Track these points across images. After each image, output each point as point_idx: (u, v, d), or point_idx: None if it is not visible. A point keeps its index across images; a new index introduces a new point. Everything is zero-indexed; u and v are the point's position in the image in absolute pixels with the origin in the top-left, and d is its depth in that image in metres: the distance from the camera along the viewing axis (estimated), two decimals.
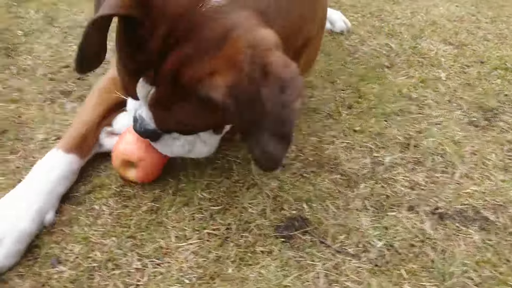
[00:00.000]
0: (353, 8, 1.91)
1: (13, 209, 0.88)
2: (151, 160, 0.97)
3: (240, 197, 1.02)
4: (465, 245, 0.92)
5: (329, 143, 1.18)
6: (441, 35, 1.71)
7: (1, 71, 1.43)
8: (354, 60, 1.54)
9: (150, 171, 1.00)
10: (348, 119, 1.27)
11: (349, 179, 1.08)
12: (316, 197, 1.03)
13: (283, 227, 0.96)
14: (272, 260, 0.89)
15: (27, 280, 0.84)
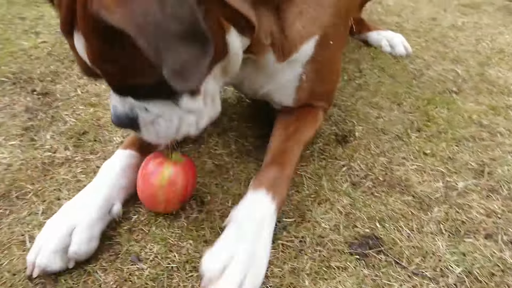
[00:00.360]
0: (416, 33, 1.91)
1: (83, 202, 0.93)
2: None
3: (312, 211, 1.03)
4: None
5: (399, 164, 1.18)
6: (509, 63, 1.68)
7: (80, 77, 1.51)
8: (420, 84, 1.54)
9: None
10: (418, 142, 1.26)
11: (422, 202, 1.07)
12: (389, 217, 1.02)
13: (357, 245, 0.96)
14: (348, 277, 0.88)
15: (109, 274, 0.88)
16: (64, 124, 1.30)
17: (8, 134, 1.25)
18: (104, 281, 0.86)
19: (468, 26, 2.00)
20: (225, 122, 1.31)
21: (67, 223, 0.88)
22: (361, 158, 1.19)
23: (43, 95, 1.42)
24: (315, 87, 1.11)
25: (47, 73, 1.53)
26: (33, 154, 1.18)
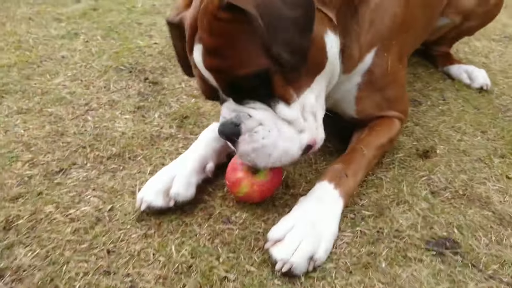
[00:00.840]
0: (503, 73, 1.92)
1: (183, 158, 1.09)
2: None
3: (391, 209, 1.08)
4: None
5: (480, 183, 1.20)
6: None
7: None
8: (506, 118, 1.55)
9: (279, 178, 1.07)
10: (501, 166, 1.27)
11: (502, 219, 1.08)
12: (467, 226, 1.05)
13: (433, 243, 0.99)
14: (424, 267, 0.92)
15: (204, 228, 0.99)
16: (169, 108, 1.47)
17: (124, 110, 1.45)
18: (199, 232, 0.98)
19: None
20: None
21: (170, 172, 1.04)
22: (441, 172, 1.23)
23: (153, 83, 1.63)
24: (374, 97, 1.18)
25: (157, 67, 1.75)
26: (143, 128, 1.35)
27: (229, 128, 0.93)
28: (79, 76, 1.64)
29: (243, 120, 0.92)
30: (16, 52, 1.80)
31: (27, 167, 1.14)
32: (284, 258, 0.87)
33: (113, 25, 2.15)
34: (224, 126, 0.94)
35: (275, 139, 0.92)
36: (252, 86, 0.89)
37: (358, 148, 1.14)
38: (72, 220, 0.98)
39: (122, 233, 0.95)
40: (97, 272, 0.86)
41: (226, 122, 0.94)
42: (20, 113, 1.38)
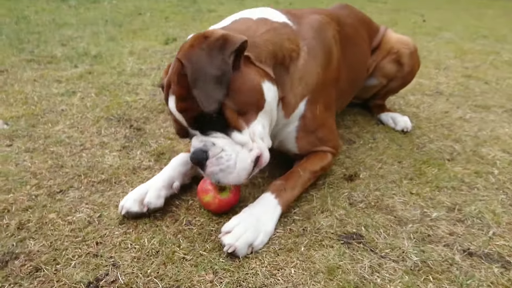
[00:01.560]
0: (427, 120, 2.34)
1: (156, 177, 1.43)
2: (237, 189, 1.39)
3: (316, 216, 1.42)
4: (485, 273, 1.19)
5: (389, 197, 1.55)
6: (501, 146, 2.04)
7: (166, 120, 2.08)
8: (421, 152, 1.93)
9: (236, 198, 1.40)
10: (408, 186, 1.63)
11: (400, 221, 1.42)
12: (373, 225, 1.38)
13: (343, 236, 1.32)
14: (333, 251, 1.24)
15: (170, 228, 1.31)
16: (149, 147, 1.83)
17: (112, 149, 1.80)
18: (166, 230, 1.29)
19: (474, 119, 2.40)
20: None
21: (145, 187, 1.38)
22: (360, 190, 1.59)
23: (137, 129, 1.99)
24: (309, 137, 1.54)
25: (141, 117, 2.13)
26: (127, 161, 1.70)
27: (199, 154, 1.23)
28: (76, 124, 2.00)
29: (209, 148, 1.23)
30: (23, 107, 2.17)
31: (34, 189, 1.46)
32: (231, 242, 1.19)
33: (105, 85, 2.56)
34: (194, 154, 1.24)
35: (235, 160, 1.24)
36: (211, 120, 1.23)
37: (296, 170, 1.50)
38: (70, 223, 1.29)
39: (107, 231, 1.27)
40: (88, 256, 1.16)
41: (196, 150, 1.24)
42: (27, 152, 1.72)
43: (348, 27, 1.89)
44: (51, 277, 1.07)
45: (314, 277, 1.14)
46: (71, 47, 3.42)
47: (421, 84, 3.05)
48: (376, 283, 1.13)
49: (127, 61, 3.13)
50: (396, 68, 2.14)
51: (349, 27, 1.91)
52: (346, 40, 1.81)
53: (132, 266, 1.13)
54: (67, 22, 4.42)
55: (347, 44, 1.81)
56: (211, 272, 1.13)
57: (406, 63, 2.12)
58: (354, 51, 1.90)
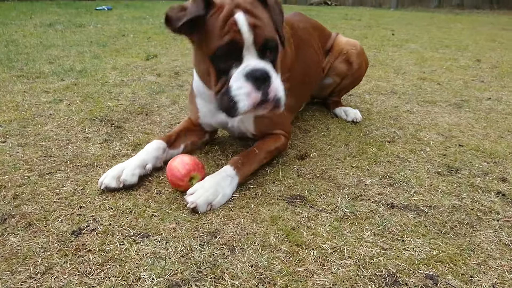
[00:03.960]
0: (378, 114, 2.65)
1: (131, 159, 1.68)
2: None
3: (268, 185, 1.68)
4: (401, 218, 1.45)
5: (332, 170, 1.82)
6: (438, 130, 2.34)
7: (143, 119, 2.35)
8: (366, 137, 2.22)
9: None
10: (349, 161, 1.90)
11: (339, 186, 1.69)
12: (315, 190, 1.64)
13: (289, 197, 1.59)
14: (277, 207, 1.50)
15: (142, 195, 1.55)
16: (128, 140, 2.09)
17: (94, 142, 2.05)
18: (139, 197, 1.54)
19: (420, 112, 2.70)
20: (229, 145, 2.05)
21: (121, 166, 1.62)
22: (309, 166, 1.86)
23: (117, 127, 2.25)
24: (265, 119, 1.78)
25: (121, 118, 2.39)
26: (108, 151, 1.95)
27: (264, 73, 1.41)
28: (62, 125, 2.26)
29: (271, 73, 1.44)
30: (15, 112, 2.42)
31: (26, 172, 1.70)
32: (193, 200, 1.44)
33: (89, 94, 2.83)
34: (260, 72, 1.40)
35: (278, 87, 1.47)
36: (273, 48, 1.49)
37: (252, 149, 1.77)
38: (57, 194, 1.53)
39: (89, 198, 1.51)
40: (73, 215, 1.40)
41: (261, 68, 1.41)
42: (20, 146, 1.96)
43: (300, 31, 2.20)
44: (42, 229, 1.31)
45: (259, 224, 1.39)
46: (58, 64, 3.69)
47: (378, 86, 3.37)
48: (310, 226, 1.39)
49: (110, 74, 3.41)
50: (346, 67, 2.45)
51: (302, 31, 2.22)
52: (299, 41, 2.12)
53: (109, 220, 1.38)
54: (54, 44, 4.71)
55: (300, 45, 2.11)
56: (175, 222, 1.38)
57: (354, 61, 2.43)
58: (307, 51, 2.21)
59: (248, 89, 1.40)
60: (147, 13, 8.75)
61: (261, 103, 1.43)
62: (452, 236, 1.36)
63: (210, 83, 1.56)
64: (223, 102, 1.48)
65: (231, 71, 1.45)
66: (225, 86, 1.46)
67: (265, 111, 1.48)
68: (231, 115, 1.48)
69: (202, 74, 1.64)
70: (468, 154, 2.02)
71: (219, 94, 1.50)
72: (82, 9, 8.95)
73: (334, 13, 10.95)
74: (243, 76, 1.41)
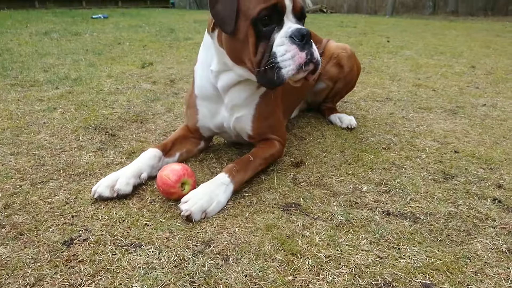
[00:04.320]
0: (374, 120, 2.64)
1: (126, 167, 1.66)
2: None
3: (264, 193, 1.66)
4: (397, 226, 1.44)
5: (328, 178, 1.81)
6: (434, 137, 2.34)
7: (138, 127, 2.34)
8: (362, 144, 2.21)
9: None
10: (345, 168, 1.89)
11: (335, 194, 1.67)
12: (310, 198, 1.63)
13: (284, 205, 1.57)
14: (272, 215, 1.49)
15: (136, 204, 1.54)
16: (122, 148, 2.07)
17: (88, 150, 2.03)
18: (132, 206, 1.52)
19: (415, 118, 2.70)
20: (224, 152, 2.04)
21: (115, 175, 1.60)
22: (305, 174, 1.84)
23: (111, 135, 2.24)
24: (263, 122, 1.81)
25: (115, 126, 2.37)
26: (102, 159, 1.93)
27: (307, 33, 1.46)
28: (56, 133, 2.24)
29: (310, 34, 1.48)
30: (8, 121, 2.40)
31: (18, 181, 1.68)
32: (187, 208, 1.42)
33: (84, 102, 2.81)
34: (304, 31, 1.45)
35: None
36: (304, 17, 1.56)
37: (247, 156, 1.75)
38: (49, 203, 1.51)
39: (82, 208, 1.49)
40: (65, 224, 1.38)
41: (303, 29, 1.46)
42: (12, 155, 1.94)
43: None
44: (32, 239, 1.29)
45: (254, 233, 1.37)
46: (53, 72, 3.68)
47: (374, 93, 3.38)
48: (305, 235, 1.37)
49: (105, 82, 3.40)
50: (337, 70, 2.45)
51: None
52: None
53: (102, 230, 1.36)
54: (49, 52, 4.70)
55: None
56: (168, 232, 1.36)
57: (345, 64, 2.44)
58: None
59: (294, 52, 1.44)
60: (143, 21, 8.78)
61: (304, 65, 1.46)
62: (449, 244, 1.34)
63: (247, 54, 1.52)
64: (265, 73, 1.50)
65: (272, 36, 1.48)
66: (265, 54, 1.49)
67: (304, 74, 1.50)
68: (275, 84, 1.50)
69: (236, 47, 1.57)
70: (463, 161, 2.01)
71: (260, 65, 1.50)
72: (78, 17, 8.97)
73: (329, 21, 11.03)
74: (288, 38, 1.45)
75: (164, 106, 2.80)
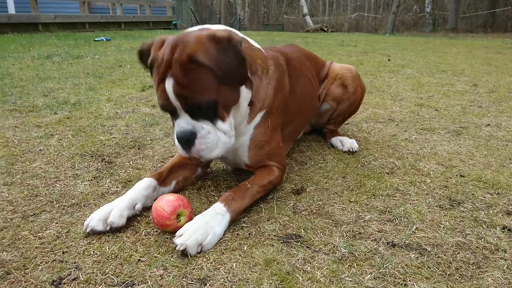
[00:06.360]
0: (376, 143, 2.59)
1: (119, 198, 1.61)
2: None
3: (263, 223, 1.60)
4: (403, 259, 1.37)
5: (329, 206, 1.75)
6: (438, 160, 2.28)
7: (136, 154, 2.29)
8: (365, 169, 2.16)
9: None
10: (348, 195, 1.83)
11: (337, 223, 1.61)
12: (311, 228, 1.57)
13: (284, 237, 1.51)
14: (272, 248, 1.42)
15: (130, 238, 1.48)
16: (118, 176, 2.02)
17: (83, 179, 1.98)
18: (126, 240, 1.46)
19: (419, 140, 2.65)
20: (223, 179, 1.98)
21: (108, 207, 1.55)
22: (305, 201, 1.78)
23: (108, 163, 2.19)
24: (259, 150, 1.77)
25: (113, 153, 2.33)
26: (97, 189, 1.88)
27: (189, 134, 1.49)
28: (52, 161, 2.20)
29: (199, 130, 1.50)
30: (4, 149, 2.36)
31: (9, 214, 1.63)
32: (182, 242, 1.36)
33: (82, 127, 2.78)
34: (184, 134, 1.49)
35: (217, 142, 1.53)
36: (205, 108, 1.48)
37: (244, 184, 1.70)
38: (40, 238, 1.45)
39: (73, 242, 1.43)
40: (54, 262, 1.32)
41: (186, 131, 1.49)
42: (5, 185, 1.89)
43: (294, 61, 2.17)
44: (20, 279, 1.23)
45: (252, 268, 1.31)
46: (52, 97, 3.67)
47: (376, 114, 3.33)
48: (306, 270, 1.31)
49: (104, 106, 3.38)
50: (342, 90, 2.42)
51: (296, 61, 2.19)
52: (294, 72, 2.09)
53: (93, 267, 1.29)
54: (50, 76, 4.71)
55: (295, 75, 2.09)
56: (162, 268, 1.30)
57: (349, 84, 2.40)
58: (302, 81, 2.17)
59: (178, 145, 1.55)
60: None
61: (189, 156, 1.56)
62: (458, 279, 1.27)
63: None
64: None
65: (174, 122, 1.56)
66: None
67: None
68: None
69: None
70: (470, 185, 1.95)
71: None
72: (81, 40, 9.06)
73: (330, 40, 11.10)
74: (175, 135, 1.54)
75: (163, 130, 2.77)
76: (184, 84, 1.43)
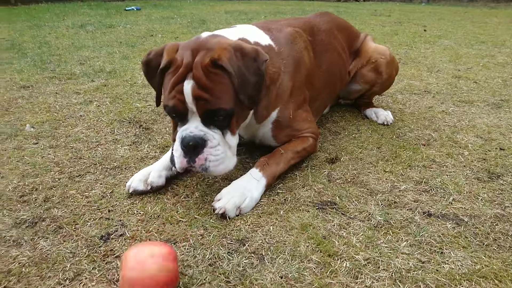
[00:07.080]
0: (412, 115, 2.54)
1: (157, 162, 1.67)
2: None
3: (298, 190, 1.63)
4: (439, 228, 1.38)
5: (364, 175, 1.75)
6: (476, 132, 2.22)
7: (167, 124, 2.34)
8: (400, 140, 2.13)
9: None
10: (382, 165, 1.83)
11: (372, 192, 1.62)
12: (346, 196, 1.58)
13: (319, 204, 1.53)
14: (307, 213, 1.45)
15: (170, 199, 1.54)
16: (156, 142, 2.08)
17: (123, 144, 2.05)
18: (167, 201, 1.52)
19: (456, 112, 2.58)
20: (256, 150, 2.01)
21: (148, 169, 1.62)
22: (340, 170, 1.79)
23: (145, 129, 2.25)
24: (285, 131, 1.78)
25: (149, 119, 2.39)
26: (136, 153, 1.95)
27: (198, 140, 1.38)
28: (92, 126, 2.28)
29: (210, 138, 1.41)
30: (47, 114, 2.46)
31: (57, 174, 1.72)
32: (221, 205, 1.41)
33: (118, 95, 2.85)
34: (193, 139, 1.38)
35: (224, 157, 1.45)
36: (221, 116, 1.41)
37: (278, 150, 1.73)
38: (87, 197, 1.54)
39: (117, 202, 1.51)
40: (101, 219, 1.40)
41: (196, 136, 1.38)
42: (51, 148, 1.99)
43: (322, 34, 2.12)
44: (71, 233, 1.31)
45: (289, 232, 1.35)
46: (89, 65, 3.75)
47: (411, 85, 3.26)
48: (341, 235, 1.33)
49: (139, 75, 3.43)
50: (375, 76, 2.35)
51: (324, 34, 2.13)
52: (320, 46, 2.05)
53: (137, 225, 1.36)
54: (85, 45, 4.80)
55: (321, 50, 2.05)
56: (202, 229, 1.35)
57: (384, 71, 2.34)
58: (329, 55, 2.12)
59: (179, 153, 1.42)
60: (174, 12, 8.83)
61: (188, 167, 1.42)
62: (496, 249, 1.27)
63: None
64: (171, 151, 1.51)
65: (179, 127, 1.46)
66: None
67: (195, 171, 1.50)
68: (172, 164, 1.48)
69: None
70: (510, 159, 1.90)
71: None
72: (112, 10, 9.12)
73: (363, 9, 10.74)
74: (180, 139, 1.40)
75: None
76: (205, 87, 1.36)
